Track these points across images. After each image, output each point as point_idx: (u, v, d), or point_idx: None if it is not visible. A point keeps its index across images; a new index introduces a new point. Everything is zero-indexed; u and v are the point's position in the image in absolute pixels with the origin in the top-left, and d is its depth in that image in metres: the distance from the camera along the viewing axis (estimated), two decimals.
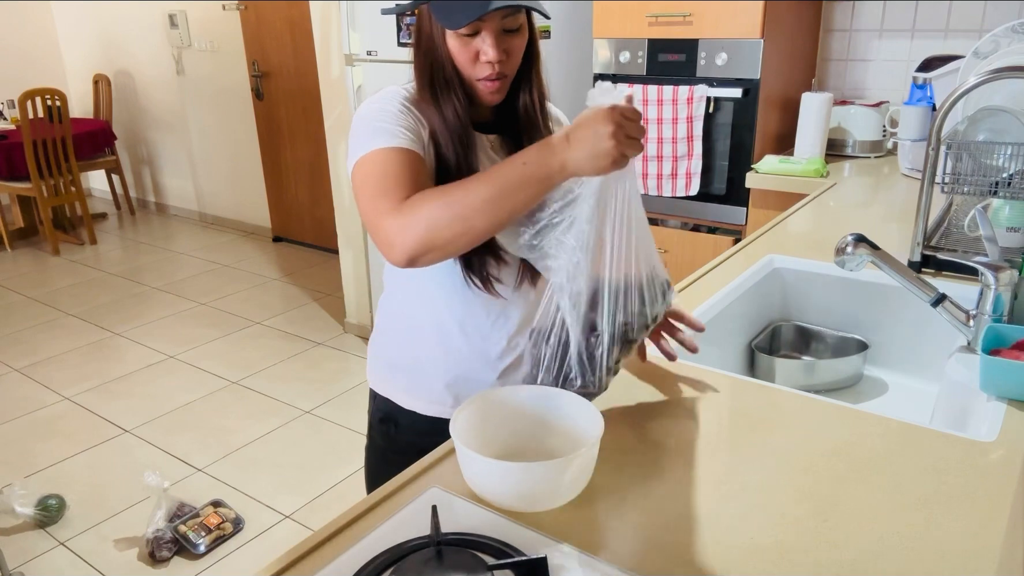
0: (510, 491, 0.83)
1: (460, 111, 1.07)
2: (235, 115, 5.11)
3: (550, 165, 0.88)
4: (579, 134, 0.87)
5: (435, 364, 1.22)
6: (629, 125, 0.85)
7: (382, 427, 1.31)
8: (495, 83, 1.06)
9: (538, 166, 0.89)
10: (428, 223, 0.91)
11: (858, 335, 1.53)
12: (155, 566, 2.20)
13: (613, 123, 0.85)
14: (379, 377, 1.31)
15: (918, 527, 0.80)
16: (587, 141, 0.86)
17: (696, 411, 1.05)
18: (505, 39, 1.04)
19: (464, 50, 1.03)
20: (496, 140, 1.15)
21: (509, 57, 1.05)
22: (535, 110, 1.13)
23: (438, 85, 1.07)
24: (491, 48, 1.02)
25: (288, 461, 2.71)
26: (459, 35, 1.02)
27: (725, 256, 1.65)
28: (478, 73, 1.05)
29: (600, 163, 0.86)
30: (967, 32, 2.53)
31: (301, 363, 3.45)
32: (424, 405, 1.24)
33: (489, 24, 1.01)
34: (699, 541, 0.79)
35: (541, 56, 1.14)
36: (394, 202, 0.94)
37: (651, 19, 2.50)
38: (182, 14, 5.12)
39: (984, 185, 1.48)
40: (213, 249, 5.12)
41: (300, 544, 0.80)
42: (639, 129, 0.86)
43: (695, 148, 2.50)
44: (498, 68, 1.04)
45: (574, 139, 0.87)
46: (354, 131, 1.06)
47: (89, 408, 3.10)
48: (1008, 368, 1.03)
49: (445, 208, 0.91)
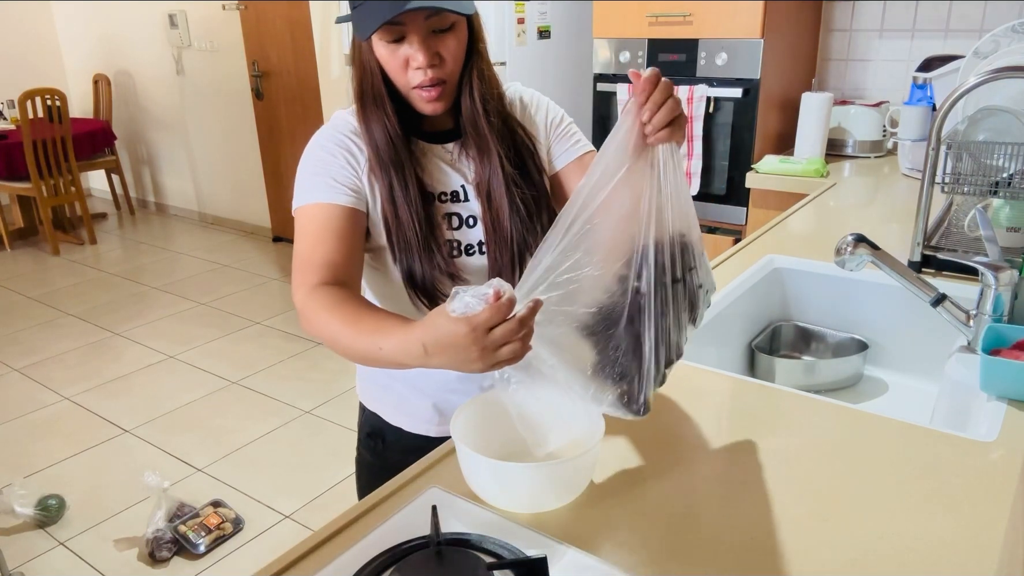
0: (511, 492, 0.83)
1: (390, 128, 1.01)
2: (235, 115, 5.11)
3: (405, 364, 0.83)
4: (439, 355, 0.78)
5: (420, 384, 1.18)
6: (494, 338, 0.74)
7: (370, 441, 1.29)
8: (432, 91, 0.98)
9: (394, 356, 0.84)
10: (315, 332, 0.94)
11: (858, 335, 1.53)
12: (155, 566, 2.20)
13: (477, 347, 0.74)
14: (368, 392, 1.28)
15: (918, 527, 0.80)
16: (450, 360, 0.78)
17: (696, 411, 1.05)
18: (435, 41, 0.96)
19: (392, 58, 0.97)
20: (454, 148, 1.08)
21: (444, 61, 0.97)
22: (480, 115, 1.04)
23: (368, 100, 1.02)
24: (419, 52, 0.94)
25: (288, 461, 2.71)
26: (386, 43, 0.96)
27: (725, 256, 1.65)
28: (411, 81, 0.97)
29: (472, 369, 0.77)
30: (967, 32, 2.53)
31: (301, 363, 3.45)
32: (411, 423, 1.22)
33: (413, 27, 0.94)
34: (699, 541, 0.79)
35: (486, 54, 1.05)
36: (307, 283, 0.96)
37: (651, 19, 2.51)
38: (182, 14, 5.12)
39: (984, 185, 1.48)
40: (213, 249, 5.12)
41: (300, 544, 0.80)
42: (512, 332, 0.74)
43: (695, 148, 2.50)
44: (431, 74, 0.96)
45: (433, 352, 0.78)
46: (300, 167, 1.04)
47: (89, 408, 3.10)
48: (1008, 368, 1.03)
49: (327, 335, 0.93)
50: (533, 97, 1.15)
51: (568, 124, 1.15)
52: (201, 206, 5.76)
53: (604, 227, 0.83)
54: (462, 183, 1.07)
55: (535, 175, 1.09)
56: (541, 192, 1.09)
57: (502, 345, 0.75)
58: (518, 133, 1.09)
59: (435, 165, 1.07)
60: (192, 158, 5.63)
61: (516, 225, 1.05)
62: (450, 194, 1.07)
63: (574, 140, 1.14)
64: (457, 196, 1.07)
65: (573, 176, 1.11)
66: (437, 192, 1.06)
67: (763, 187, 2.40)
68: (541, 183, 1.10)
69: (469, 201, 1.07)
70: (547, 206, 1.09)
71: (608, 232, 0.83)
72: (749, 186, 2.43)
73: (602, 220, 0.82)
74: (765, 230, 1.83)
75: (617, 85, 2.59)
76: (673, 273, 0.86)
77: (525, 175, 1.07)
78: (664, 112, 0.82)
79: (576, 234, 0.81)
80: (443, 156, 1.08)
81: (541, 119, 1.13)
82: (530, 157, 1.09)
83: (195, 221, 5.81)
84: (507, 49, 2.86)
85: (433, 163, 1.07)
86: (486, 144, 1.05)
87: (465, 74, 1.03)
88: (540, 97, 1.16)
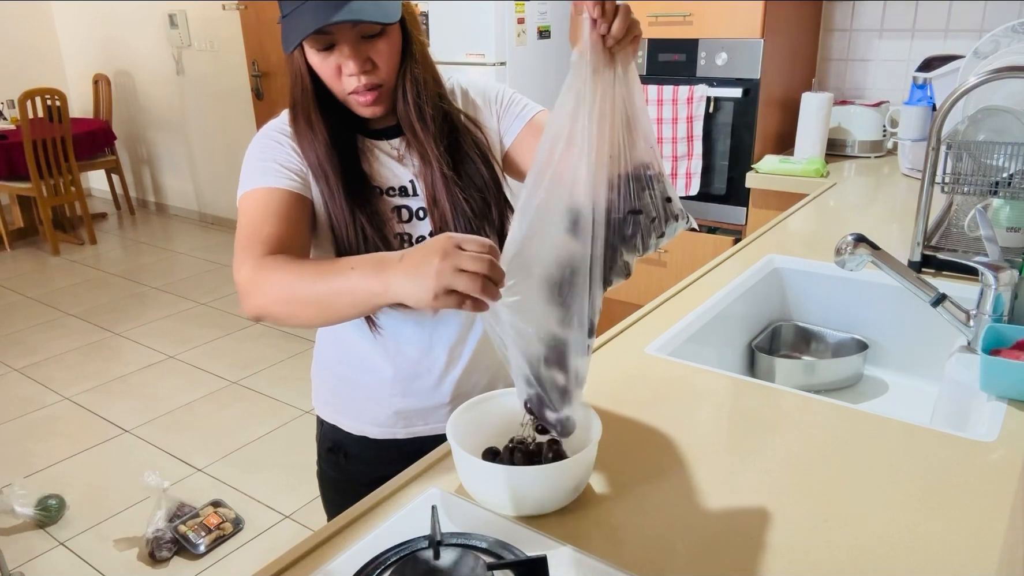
0: (508, 495, 0.83)
1: (322, 136, 1.00)
2: (235, 115, 5.11)
3: (372, 285, 0.80)
4: (411, 256, 0.77)
5: (380, 385, 1.14)
6: (463, 257, 0.73)
7: (331, 457, 1.23)
8: (367, 96, 0.97)
9: (362, 279, 0.81)
10: (264, 296, 0.88)
11: (858, 335, 1.53)
12: (155, 566, 2.20)
13: (441, 254, 0.73)
14: (323, 401, 1.22)
15: (918, 527, 0.80)
16: (412, 267, 0.76)
17: (696, 411, 1.05)
18: (366, 47, 0.95)
19: (325, 65, 0.96)
20: (401, 143, 1.07)
21: (377, 66, 0.96)
22: (415, 119, 1.02)
23: (299, 115, 1.01)
24: (349, 59, 0.94)
25: (288, 461, 2.71)
26: (316, 51, 0.95)
27: (725, 256, 1.65)
28: (346, 87, 0.97)
29: (421, 296, 0.75)
30: (967, 32, 2.53)
31: (301, 363, 3.44)
32: (375, 429, 1.17)
33: (342, 35, 0.93)
34: (699, 541, 0.79)
35: (423, 55, 1.04)
36: (252, 256, 0.91)
37: (651, 19, 2.51)
38: (182, 14, 5.12)
39: (984, 185, 1.48)
40: (213, 249, 5.12)
41: (300, 544, 0.80)
42: (477, 262, 0.73)
43: (695, 148, 2.50)
44: (365, 79, 0.96)
45: (406, 261, 0.77)
46: (244, 162, 1.02)
47: (89, 408, 3.10)
48: (1008, 368, 1.03)
49: (281, 289, 0.88)
50: (473, 83, 1.13)
51: (512, 95, 1.13)
52: (201, 206, 5.76)
53: (570, 167, 0.79)
54: (411, 178, 1.07)
55: (482, 171, 1.07)
56: (489, 188, 1.07)
57: (463, 271, 0.73)
58: (460, 127, 1.07)
59: (381, 161, 1.06)
60: (192, 158, 5.63)
61: (462, 225, 1.04)
62: (398, 189, 1.06)
63: (521, 106, 1.12)
64: (406, 191, 1.07)
65: (528, 142, 1.09)
66: (385, 187, 1.06)
67: (763, 187, 2.40)
68: (491, 178, 1.07)
69: (418, 195, 1.07)
70: (497, 201, 1.08)
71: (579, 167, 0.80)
72: (749, 186, 2.43)
73: (566, 164, 0.79)
74: (765, 230, 1.83)
75: None
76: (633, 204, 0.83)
77: (470, 174, 1.06)
78: (621, 18, 0.80)
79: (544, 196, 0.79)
80: (389, 152, 1.07)
81: (483, 101, 1.12)
82: (474, 150, 1.07)
83: (195, 221, 5.81)
84: (507, 49, 2.86)
85: (380, 159, 1.06)
86: (423, 149, 1.03)
87: (398, 77, 1.01)
88: (481, 81, 1.14)
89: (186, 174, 5.75)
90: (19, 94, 4.66)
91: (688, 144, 2.50)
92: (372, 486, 0.90)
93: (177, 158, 5.76)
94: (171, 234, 5.52)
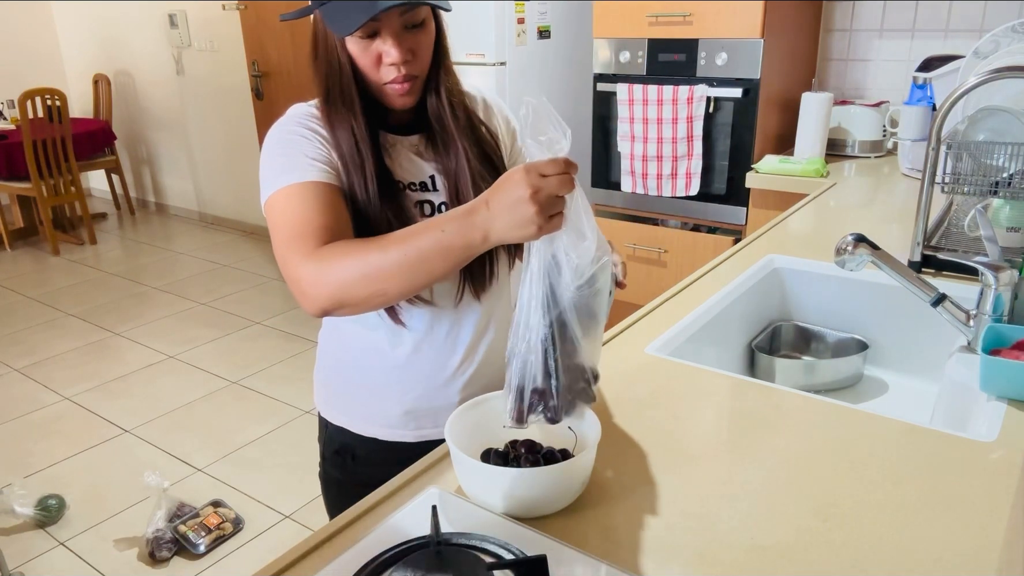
0: (507, 497, 0.82)
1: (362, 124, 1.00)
2: (235, 115, 5.11)
3: (470, 236, 0.82)
4: (498, 200, 0.79)
5: (389, 387, 1.13)
6: (548, 183, 0.77)
7: (338, 459, 1.21)
8: (404, 85, 0.98)
9: (457, 235, 0.82)
10: (340, 281, 0.87)
11: (858, 335, 1.53)
12: (155, 566, 2.20)
13: (529, 186, 0.76)
14: (330, 404, 1.21)
15: (918, 527, 0.80)
16: (506, 209, 0.78)
17: (696, 411, 1.05)
18: (408, 37, 0.96)
19: (365, 54, 0.96)
20: (420, 140, 1.08)
21: (416, 56, 0.98)
22: (445, 111, 1.04)
23: (335, 100, 1.00)
24: (393, 48, 0.94)
25: (288, 461, 2.71)
26: (358, 39, 0.95)
27: (725, 256, 1.65)
28: (384, 77, 0.98)
29: (525, 231, 0.78)
30: (967, 32, 2.53)
31: (301, 363, 3.44)
32: (385, 431, 1.16)
33: (387, 23, 0.94)
34: (699, 541, 0.79)
35: (450, 51, 1.06)
36: (308, 250, 0.90)
37: (651, 19, 2.51)
38: (182, 14, 5.12)
39: (984, 185, 1.48)
40: (213, 249, 5.12)
41: (300, 544, 0.80)
42: (561, 184, 0.77)
43: (695, 148, 2.50)
44: (405, 70, 0.97)
45: (494, 206, 0.80)
46: (263, 161, 1.00)
47: (89, 408, 3.10)
48: (1008, 368, 1.03)
49: (358, 268, 0.86)
50: (495, 102, 1.17)
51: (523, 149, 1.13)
52: (201, 206, 5.76)
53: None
54: (431, 173, 1.07)
55: (500, 170, 1.08)
56: None
57: (558, 197, 0.77)
58: (481, 131, 1.10)
59: (404, 156, 1.07)
60: (192, 158, 5.63)
61: None
62: (419, 184, 1.07)
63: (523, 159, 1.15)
64: (426, 186, 1.07)
65: None
66: (407, 182, 1.06)
67: (763, 187, 2.40)
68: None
69: (439, 191, 1.07)
70: None
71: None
72: (749, 186, 2.43)
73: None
74: (765, 230, 1.83)
75: (617, 85, 2.59)
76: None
77: (490, 170, 1.07)
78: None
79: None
80: (410, 147, 1.07)
81: (504, 126, 1.15)
82: (493, 154, 1.10)
83: (195, 221, 5.81)
84: (507, 49, 2.86)
85: (403, 154, 1.07)
86: (451, 139, 1.05)
87: (433, 71, 1.03)
88: (502, 103, 1.17)
89: (186, 174, 5.75)
90: (19, 94, 4.66)
91: (688, 144, 2.50)
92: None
93: (177, 158, 5.76)
94: (171, 234, 5.52)
